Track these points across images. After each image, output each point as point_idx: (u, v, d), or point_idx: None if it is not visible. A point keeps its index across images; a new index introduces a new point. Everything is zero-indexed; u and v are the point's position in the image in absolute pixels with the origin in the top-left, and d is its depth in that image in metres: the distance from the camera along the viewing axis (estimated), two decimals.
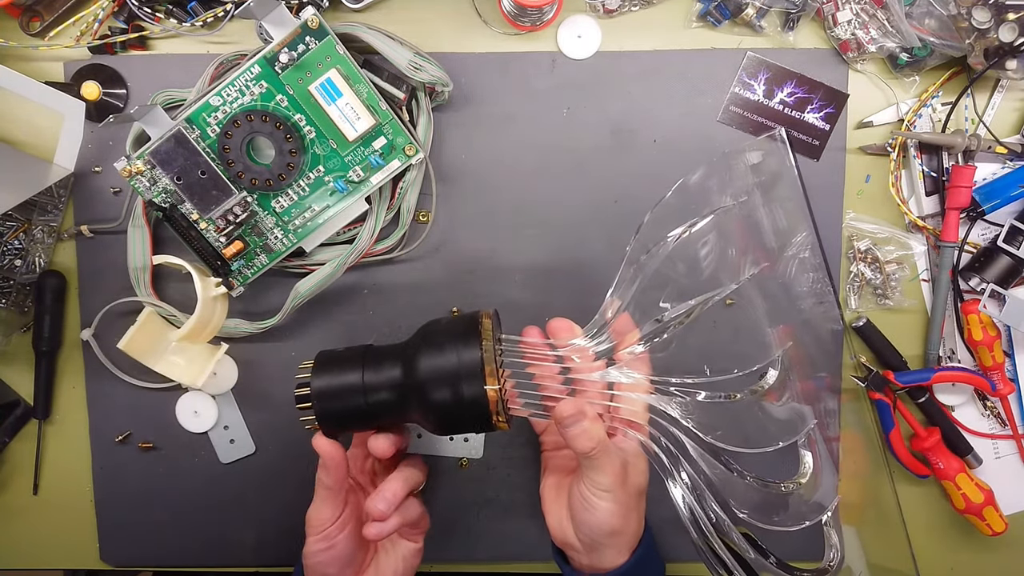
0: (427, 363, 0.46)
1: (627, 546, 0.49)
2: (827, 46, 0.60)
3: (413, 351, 0.47)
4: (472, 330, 0.47)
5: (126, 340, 0.57)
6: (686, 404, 0.49)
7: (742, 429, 0.49)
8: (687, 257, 0.49)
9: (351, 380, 0.48)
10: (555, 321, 0.50)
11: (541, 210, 0.61)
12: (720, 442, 0.48)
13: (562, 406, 0.46)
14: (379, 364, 0.48)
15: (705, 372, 0.48)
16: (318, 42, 0.53)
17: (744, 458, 0.50)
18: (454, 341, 0.46)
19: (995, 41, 0.55)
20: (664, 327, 0.46)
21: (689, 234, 0.48)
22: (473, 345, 0.46)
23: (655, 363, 0.50)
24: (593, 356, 0.48)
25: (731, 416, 0.49)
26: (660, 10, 0.60)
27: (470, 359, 0.45)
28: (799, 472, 0.52)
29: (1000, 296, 0.58)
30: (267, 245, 0.58)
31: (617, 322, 0.48)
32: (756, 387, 0.50)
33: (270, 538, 0.64)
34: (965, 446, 0.62)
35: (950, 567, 0.65)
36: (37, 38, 0.59)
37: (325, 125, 0.55)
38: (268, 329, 0.60)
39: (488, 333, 0.47)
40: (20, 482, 0.64)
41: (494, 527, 0.63)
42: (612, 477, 0.46)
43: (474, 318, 0.48)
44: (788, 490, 0.51)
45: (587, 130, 0.60)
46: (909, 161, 0.61)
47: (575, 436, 0.45)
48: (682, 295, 0.48)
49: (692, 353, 0.49)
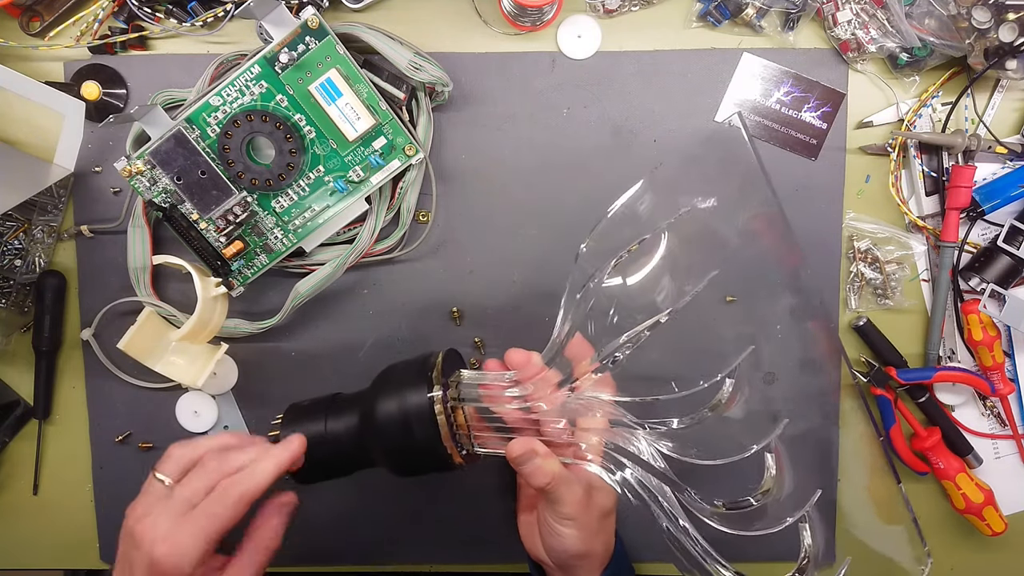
0: (381, 408, 0.48)
1: (598, 565, 0.50)
2: (827, 46, 0.60)
3: (370, 398, 0.49)
4: (423, 372, 0.48)
5: (126, 340, 0.57)
6: (659, 433, 0.49)
7: (711, 444, 0.49)
8: (636, 275, 0.48)
9: (315, 431, 0.49)
10: (511, 353, 0.50)
11: (541, 210, 0.61)
12: (697, 459, 0.48)
13: (512, 445, 0.46)
14: (340, 414, 0.50)
15: (673, 389, 0.48)
16: (318, 42, 0.53)
17: (712, 476, 0.49)
18: (406, 385, 0.48)
19: (995, 41, 0.55)
20: (618, 348, 0.46)
21: (629, 255, 0.48)
22: (422, 387, 0.47)
23: (617, 384, 0.49)
24: (555, 386, 0.48)
25: (699, 435, 0.49)
26: (660, 10, 0.60)
27: (418, 401, 0.47)
28: (764, 478, 0.52)
29: (1000, 296, 0.58)
30: (267, 245, 0.58)
31: (572, 345, 0.48)
32: (714, 401, 0.50)
33: None
34: (965, 446, 0.62)
35: (950, 567, 0.65)
36: (37, 38, 0.59)
37: (325, 125, 0.55)
38: (268, 329, 0.60)
39: (439, 376, 0.48)
40: (20, 482, 0.64)
41: (494, 528, 0.63)
42: (573, 506, 0.47)
43: (427, 360, 0.49)
44: (759, 502, 0.51)
45: (587, 130, 0.60)
46: (909, 161, 0.61)
47: (529, 474, 0.46)
48: (631, 317, 0.47)
49: (654, 368, 0.49)
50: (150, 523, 0.43)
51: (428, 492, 0.63)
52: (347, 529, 0.64)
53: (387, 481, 0.62)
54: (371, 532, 0.64)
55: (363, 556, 0.65)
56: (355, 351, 0.62)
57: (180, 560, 0.42)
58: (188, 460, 0.46)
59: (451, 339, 0.62)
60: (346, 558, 0.65)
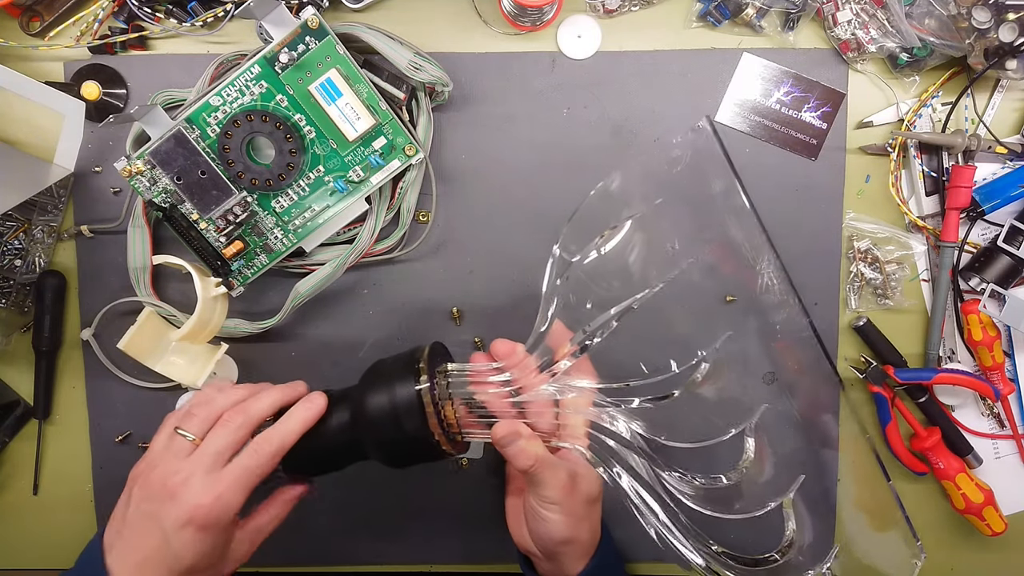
0: (370, 401, 0.49)
1: (583, 553, 0.50)
2: (827, 46, 0.60)
3: (360, 391, 0.50)
4: (410, 365, 0.49)
5: (126, 340, 0.57)
6: (630, 411, 0.50)
7: (689, 426, 0.51)
8: (609, 263, 0.50)
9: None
10: (496, 344, 0.51)
11: (541, 210, 0.61)
12: (672, 442, 0.50)
13: (496, 428, 0.47)
14: (331, 407, 0.50)
15: (642, 371, 0.50)
16: (318, 42, 0.53)
17: (694, 456, 0.51)
18: (394, 377, 0.49)
19: (995, 41, 0.55)
20: (593, 334, 0.47)
21: (605, 245, 0.49)
22: (409, 379, 0.48)
23: (598, 369, 0.51)
24: (535, 371, 0.49)
25: (675, 415, 0.51)
26: (660, 10, 0.60)
27: (406, 393, 0.48)
28: (742, 459, 0.53)
29: (1000, 296, 0.58)
30: (267, 245, 0.58)
31: (552, 333, 0.49)
32: (689, 380, 0.51)
33: (269, 538, 0.64)
34: (965, 446, 0.62)
35: (950, 567, 0.65)
36: (37, 38, 0.59)
37: (325, 125, 0.55)
38: (268, 329, 0.60)
39: (425, 367, 0.49)
40: (20, 482, 0.64)
41: (494, 527, 0.63)
42: (557, 490, 0.47)
43: (413, 353, 0.50)
44: (732, 480, 0.52)
45: (587, 130, 0.60)
46: (909, 161, 0.61)
47: (513, 455, 0.47)
48: (607, 302, 0.49)
49: (630, 354, 0.50)
50: (182, 479, 0.45)
51: (428, 492, 0.63)
52: (347, 529, 0.64)
53: (387, 481, 0.63)
54: (371, 532, 0.64)
55: (363, 556, 0.65)
56: (355, 351, 0.62)
57: (223, 512, 0.44)
58: (210, 418, 0.48)
59: (451, 339, 0.62)
60: (346, 558, 0.65)
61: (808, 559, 0.53)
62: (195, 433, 0.47)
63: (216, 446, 0.46)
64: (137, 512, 0.46)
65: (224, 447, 0.46)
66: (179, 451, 0.46)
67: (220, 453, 0.46)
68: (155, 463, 0.47)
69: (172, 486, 0.45)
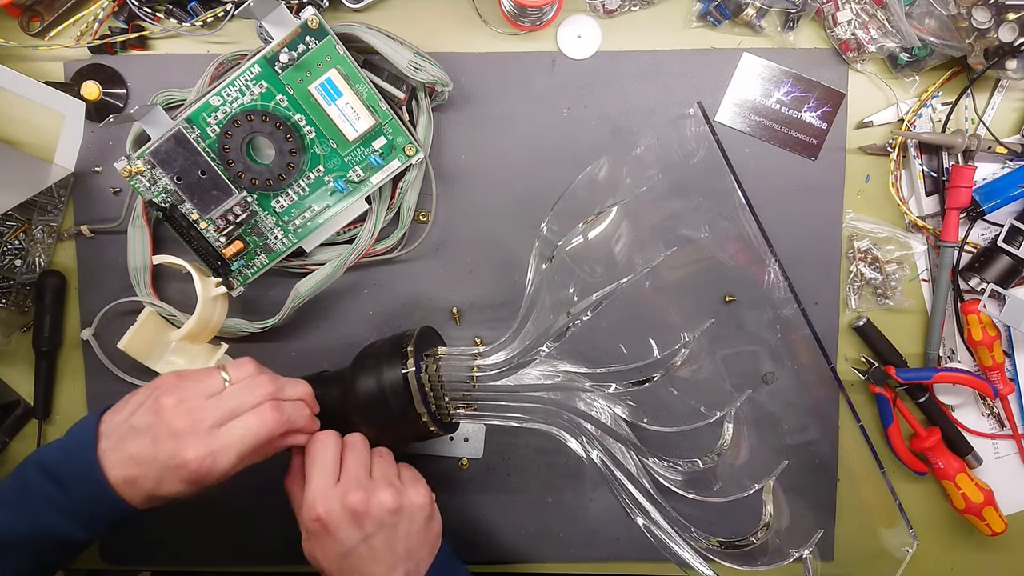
0: (360, 383, 0.52)
1: None
2: (827, 46, 0.60)
3: (351, 373, 0.53)
4: (398, 348, 0.52)
5: (126, 340, 0.57)
6: (614, 395, 0.52)
7: (668, 410, 0.54)
8: (592, 250, 0.52)
9: None
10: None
11: (541, 210, 0.61)
12: (652, 426, 0.53)
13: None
14: (325, 389, 0.54)
15: (622, 351, 0.52)
16: (318, 42, 0.53)
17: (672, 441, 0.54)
18: (382, 359, 0.52)
19: (995, 41, 0.55)
20: (574, 319, 0.49)
21: (590, 231, 0.52)
22: (396, 362, 0.52)
23: (577, 356, 0.53)
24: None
25: (655, 400, 0.53)
26: (660, 10, 0.60)
27: (392, 375, 0.51)
28: (719, 444, 0.55)
29: (1000, 296, 0.58)
30: (267, 245, 0.58)
31: (536, 316, 0.51)
32: (667, 365, 0.53)
33: (269, 539, 0.64)
34: (965, 446, 0.62)
35: (950, 567, 0.65)
36: (37, 38, 0.59)
37: (325, 125, 0.55)
38: (268, 329, 0.60)
39: (412, 350, 0.52)
40: None
41: (494, 527, 0.63)
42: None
43: (403, 336, 0.54)
44: (709, 463, 0.54)
45: (587, 130, 0.60)
46: (909, 161, 0.61)
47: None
48: (589, 287, 0.51)
49: (612, 339, 0.53)
50: (190, 424, 0.45)
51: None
52: None
53: None
54: None
55: None
56: (355, 351, 0.62)
57: (210, 471, 0.45)
58: (246, 380, 0.49)
59: (451, 339, 0.62)
60: None
61: (785, 542, 0.54)
62: (232, 380, 0.48)
63: (233, 401, 0.47)
64: (143, 421, 0.46)
65: (237, 406, 0.47)
66: (209, 388, 0.47)
67: (232, 410, 0.47)
68: (184, 383, 0.47)
69: (179, 427, 0.45)
